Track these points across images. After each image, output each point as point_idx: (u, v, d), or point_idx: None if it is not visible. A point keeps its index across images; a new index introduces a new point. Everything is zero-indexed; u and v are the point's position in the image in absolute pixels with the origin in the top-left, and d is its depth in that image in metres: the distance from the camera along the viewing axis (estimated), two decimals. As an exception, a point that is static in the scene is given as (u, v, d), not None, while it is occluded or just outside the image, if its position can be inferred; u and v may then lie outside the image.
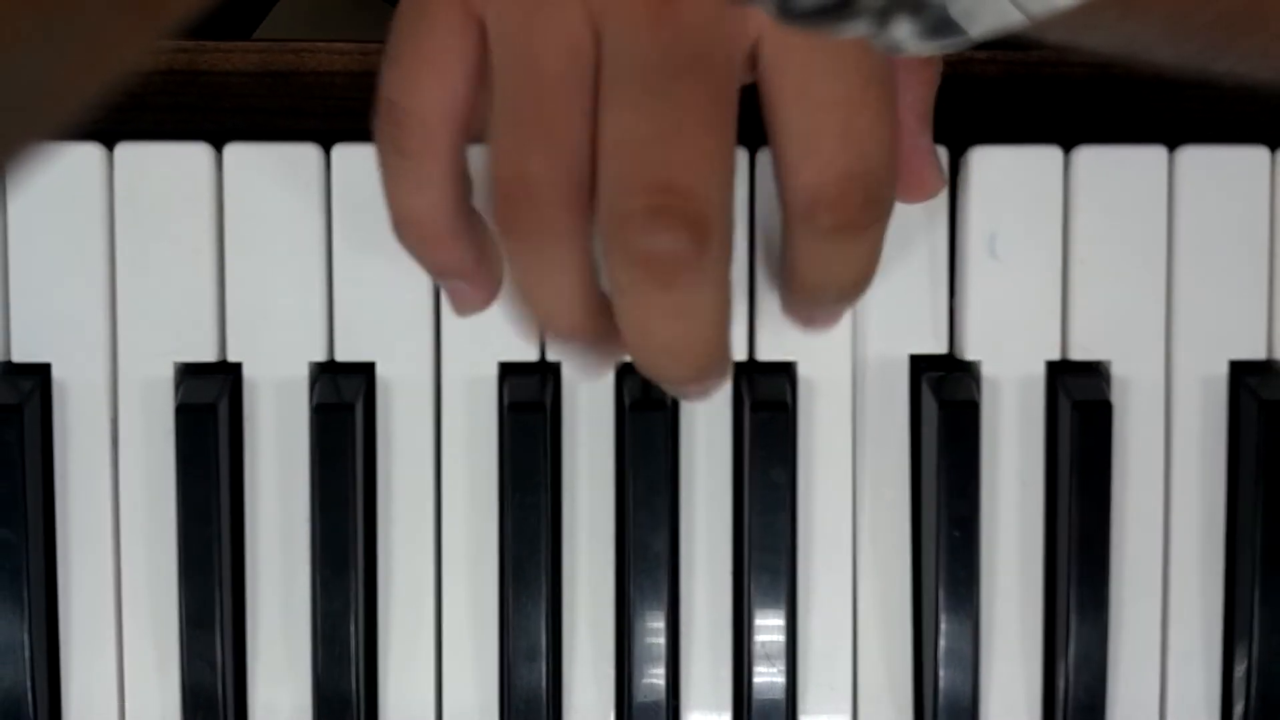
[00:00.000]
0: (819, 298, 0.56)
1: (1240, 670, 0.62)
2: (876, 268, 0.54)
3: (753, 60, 0.52)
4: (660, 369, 0.53)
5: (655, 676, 0.61)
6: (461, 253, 0.55)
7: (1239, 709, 0.62)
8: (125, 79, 0.30)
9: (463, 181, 0.54)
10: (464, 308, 0.58)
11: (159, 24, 0.30)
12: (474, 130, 0.53)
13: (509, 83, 0.51)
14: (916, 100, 0.56)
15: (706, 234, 0.49)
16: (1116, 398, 0.62)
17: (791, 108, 0.51)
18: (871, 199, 0.52)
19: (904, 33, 0.41)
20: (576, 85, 0.50)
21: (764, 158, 0.60)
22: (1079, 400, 0.61)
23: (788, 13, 0.41)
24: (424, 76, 0.52)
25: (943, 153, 0.60)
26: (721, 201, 0.50)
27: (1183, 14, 0.44)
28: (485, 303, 0.57)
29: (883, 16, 0.41)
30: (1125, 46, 0.46)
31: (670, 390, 0.58)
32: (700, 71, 0.49)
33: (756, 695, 0.62)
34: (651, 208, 0.49)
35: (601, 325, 0.53)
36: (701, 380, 0.54)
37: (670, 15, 0.50)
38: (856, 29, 0.41)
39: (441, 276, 0.58)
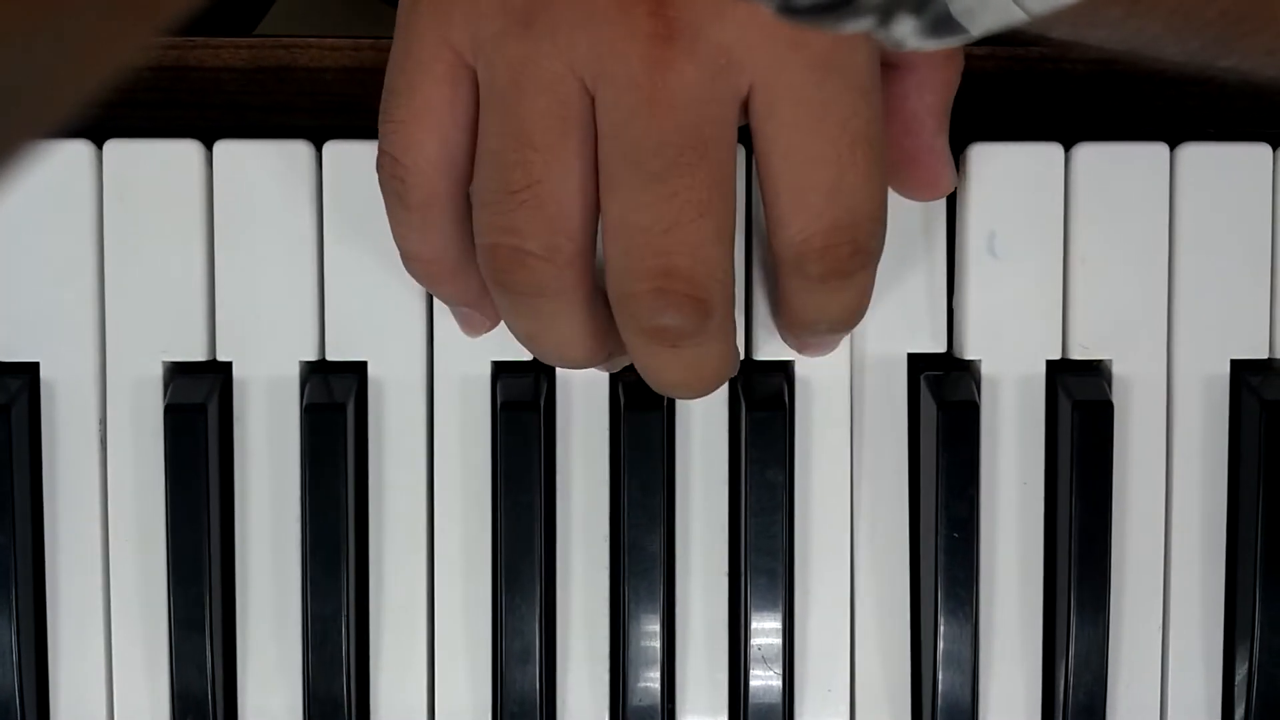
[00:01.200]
0: (812, 330, 0.57)
1: (1241, 673, 0.62)
2: (868, 303, 0.56)
3: (746, 106, 0.52)
4: (670, 395, 0.57)
5: (650, 680, 0.61)
6: (468, 285, 0.57)
7: (1239, 712, 0.62)
8: (116, 76, 0.30)
9: (468, 221, 0.55)
10: (473, 330, 0.60)
11: (152, 23, 0.30)
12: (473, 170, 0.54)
13: (497, 147, 0.52)
14: (936, 102, 0.57)
15: (709, 309, 0.51)
16: (1117, 397, 0.61)
17: (781, 161, 0.52)
18: (859, 249, 0.53)
19: (906, 30, 0.41)
20: (567, 156, 0.51)
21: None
22: (1079, 400, 0.60)
23: (789, 10, 0.40)
24: (420, 132, 0.53)
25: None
26: (723, 276, 0.52)
27: (1187, 10, 0.44)
28: (493, 325, 0.60)
29: (884, 14, 0.41)
30: (1129, 43, 0.46)
31: None
32: (696, 158, 0.50)
33: (753, 699, 0.61)
34: (656, 290, 0.51)
35: (607, 349, 0.55)
36: (707, 395, 0.57)
37: (665, 96, 0.50)
38: (858, 26, 0.41)
39: (451, 304, 0.59)
